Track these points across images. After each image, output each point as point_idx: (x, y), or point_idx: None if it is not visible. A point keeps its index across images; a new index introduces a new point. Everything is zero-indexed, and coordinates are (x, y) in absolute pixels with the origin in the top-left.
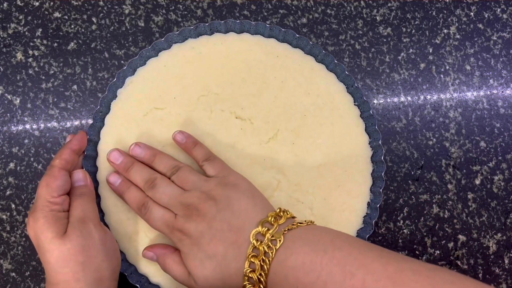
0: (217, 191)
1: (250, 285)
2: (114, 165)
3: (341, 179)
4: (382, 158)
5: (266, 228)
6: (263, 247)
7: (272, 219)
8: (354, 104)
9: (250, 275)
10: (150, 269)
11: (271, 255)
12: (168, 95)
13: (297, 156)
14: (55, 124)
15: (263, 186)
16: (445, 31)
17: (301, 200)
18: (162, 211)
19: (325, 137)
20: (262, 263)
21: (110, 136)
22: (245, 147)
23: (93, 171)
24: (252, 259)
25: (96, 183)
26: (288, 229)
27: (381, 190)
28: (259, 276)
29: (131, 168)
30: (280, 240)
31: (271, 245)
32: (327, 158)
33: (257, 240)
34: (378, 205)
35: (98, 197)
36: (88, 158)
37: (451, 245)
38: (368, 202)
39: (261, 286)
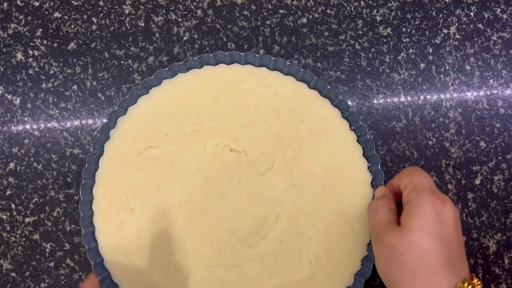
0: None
1: None
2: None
3: (341, 207)
4: (382, 182)
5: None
6: None
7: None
8: (351, 129)
9: None
10: None
11: None
12: (161, 133)
13: (295, 186)
14: (55, 124)
15: (263, 220)
16: (445, 31)
17: (302, 231)
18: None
19: (322, 165)
20: None
21: (105, 179)
22: (241, 180)
23: (89, 215)
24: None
25: (92, 227)
26: None
27: None
28: None
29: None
30: None
31: None
32: (326, 186)
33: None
34: None
35: (95, 241)
36: (85, 203)
37: None
38: None
39: None
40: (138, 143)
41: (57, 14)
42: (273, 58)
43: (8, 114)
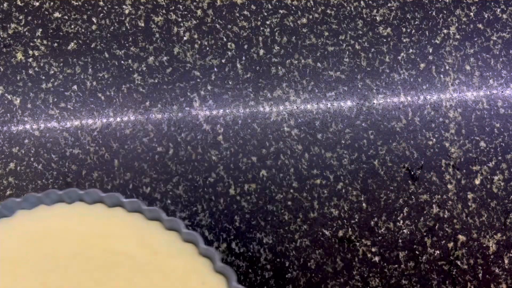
0: None
1: None
2: None
3: None
4: None
5: None
6: None
7: None
8: None
9: None
10: None
11: None
12: None
13: None
14: (55, 124)
15: None
16: (445, 31)
17: None
18: None
19: None
20: None
21: None
22: None
23: None
24: None
25: None
26: None
27: None
28: None
29: None
30: None
31: None
32: None
33: None
34: None
35: None
36: None
37: (451, 245)
38: None
39: None
40: None
41: (57, 14)
42: (173, 219)
43: (8, 114)
